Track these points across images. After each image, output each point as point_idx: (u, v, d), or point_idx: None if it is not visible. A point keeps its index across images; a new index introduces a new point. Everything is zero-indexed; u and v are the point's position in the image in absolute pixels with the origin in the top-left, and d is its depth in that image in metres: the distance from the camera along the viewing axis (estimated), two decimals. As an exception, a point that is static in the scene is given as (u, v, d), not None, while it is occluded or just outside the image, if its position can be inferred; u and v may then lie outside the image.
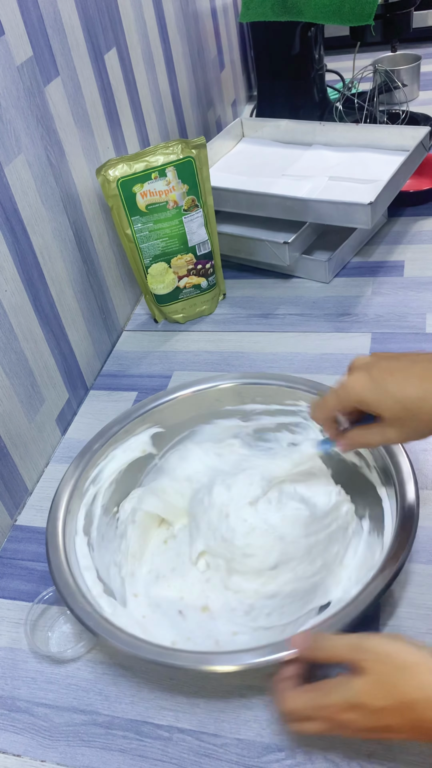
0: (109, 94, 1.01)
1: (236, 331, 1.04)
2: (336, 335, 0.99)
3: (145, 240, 0.98)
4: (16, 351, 0.81)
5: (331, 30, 1.57)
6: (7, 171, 0.78)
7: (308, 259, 1.09)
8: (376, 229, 1.17)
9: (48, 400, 0.89)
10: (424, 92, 1.60)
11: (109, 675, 0.66)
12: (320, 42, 1.37)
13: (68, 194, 0.91)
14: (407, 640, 0.51)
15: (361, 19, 1.16)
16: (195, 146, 0.95)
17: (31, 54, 0.81)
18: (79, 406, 0.97)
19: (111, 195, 0.94)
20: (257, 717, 0.61)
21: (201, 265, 1.04)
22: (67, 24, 0.88)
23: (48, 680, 0.67)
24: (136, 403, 0.94)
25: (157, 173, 0.94)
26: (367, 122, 1.35)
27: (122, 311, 1.10)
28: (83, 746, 0.61)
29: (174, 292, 1.04)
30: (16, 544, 0.80)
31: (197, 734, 0.61)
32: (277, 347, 0.99)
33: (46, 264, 0.87)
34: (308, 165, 1.19)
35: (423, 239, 1.14)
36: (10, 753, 0.62)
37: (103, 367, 1.03)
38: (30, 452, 0.85)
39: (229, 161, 1.27)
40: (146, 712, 0.63)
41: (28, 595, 0.74)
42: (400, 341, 0.96)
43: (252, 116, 1.47)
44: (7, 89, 0.77)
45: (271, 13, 1.24)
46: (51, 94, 0.86)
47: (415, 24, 1.39)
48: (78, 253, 0.95)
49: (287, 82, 1.39)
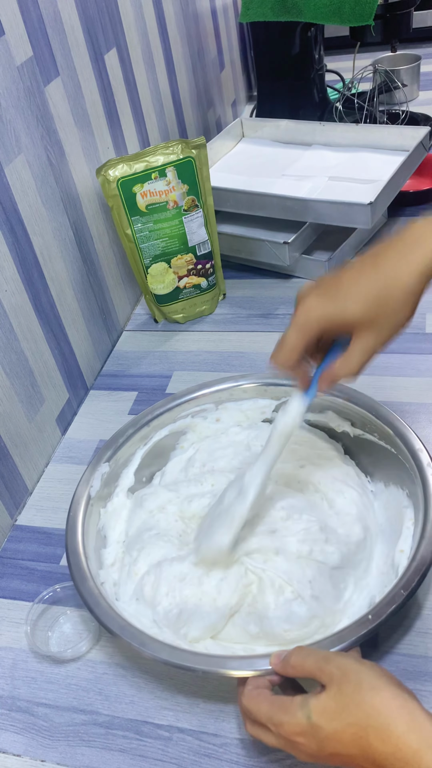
0: (109, 94, 1.01)
1: (236, 331, 1.04)
2: (336, 335, 0.99)
3: (145, 240, 0.98)
4: (16, 351, 0.81)
5: (331, 30, 1.57)
6: (7, 171, 0.78)
7: (308, 259, 1.09)
8: (376, 229, 1.17)
9: (48, 400, 0.89)
10: (424, 92, 1.60)
11: (109, 675, 0.66)
12: (320, 42, 1.37)
13: (68, 194, 0.91)
14: (383, 670, 0.49)
15: (361, 19, 1.16)
16: (195, 146, 0.95)
17: (31, 54, 0.81)
18: (79, 406, 0.97)
19: (111, 195, 0.94)
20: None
21: (201, 265, 1.04)
22: (67, 24, 0.88)
23: (48, 680, 0.67)
24: (145, 403, 0.93)
25: (157, 173, 0.94)
26: (367, 122, 1.35)
27: (122, 311, 1.10)
28: (83, 746, 0.61)
29: (174, 292, 1.04)
30: (16, 544, 0.80)
31: (197, 734, 0.61)
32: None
33: (46, 264, 0.87)
34: (308, 165, 1.19)
35: (423, 239, 1.14)
36: (10, 753, 0.62)
37: (103, 367, 1.03)
38: (30, 452, 0.85)
39: (229, 161, 1.27)
40: (146, 712, 0.63)
41: (28, 595, 0.74)
42: (400, 341, 0.94)
43: (252, 116, 1.47)
44: (7, 89, 0.77)
45: (271, 13, 1.24)
46: (51, 94, 0.86)
47: (415, 24, 1.38)
48: (78, 253, 0.95)
49: (287, 82, 1.39)
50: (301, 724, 0.48)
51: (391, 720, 0.45)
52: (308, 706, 0.48)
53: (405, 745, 0.44)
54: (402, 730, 0.44)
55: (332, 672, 0.49)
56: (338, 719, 0.46)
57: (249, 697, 0.52)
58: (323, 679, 0.49)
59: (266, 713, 0.50)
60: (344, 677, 0.48)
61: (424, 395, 0.87)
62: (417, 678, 0.61)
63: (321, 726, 0.47)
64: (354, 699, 0.47)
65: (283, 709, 0.49)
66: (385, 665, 0.62)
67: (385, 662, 0.63)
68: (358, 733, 0.45)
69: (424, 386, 0.88)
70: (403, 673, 0.62)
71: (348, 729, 0.46)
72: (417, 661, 0.62)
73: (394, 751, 0.44)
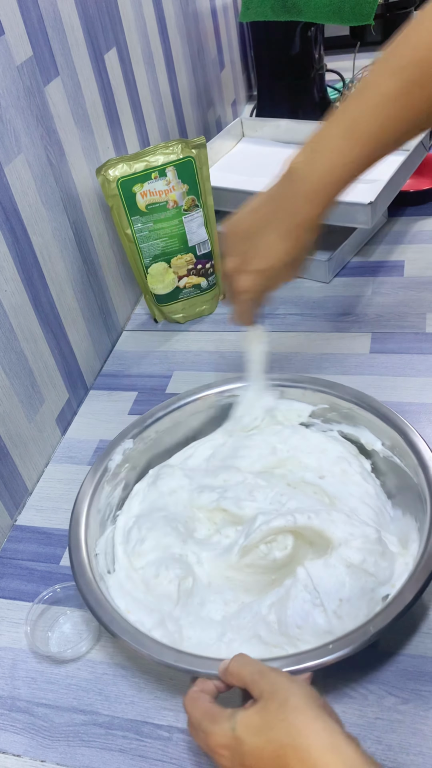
0: (109, 94, 1.01)
1: (236, 331, 1.04)
2: (336, 335, 0.99)
3: (145, 240, 0.98)
4: (16, 351, 0.81)
5: (331, 30, 1.57)
6: (7, 171, 0.78)
7: (308, 259, 1.09)
8: (376, 229, 1.17)
9: (48, 400, 0.89)
10: (424, 92, 1.59)
11: (109, 675, 0.66)
12: (320, 42, 1.37)
13: (68, 194, 0.91)
14: (311, 691, 0.49)
15: (361, 19, 1.16)
16: (195, 146, 0.95)
17: (31, 54, 0.81)
18: (79, 406, 0.97)
19: (111, 195, 0.94)
20: (257, 717, 0.61)
21: (201, 265, 1.04)
22: (67, 24, 0.88)
23: (48, 680, 0.67)
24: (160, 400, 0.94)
25: (157, 173, 0.94)
26: (367, 122, 1.34)
27: (122, 311, 1.10)
28: (83, 746, 0.61)
29: (174, 292, 1.04)
30: (16, 544, 0.80)
31: (197, 734, 0.61)
32: (277, 347, 0.99)
33: (46, 264, 0.87)
34: (308, 165, 1.19)
35: (423, 239, 1.14)
36: (10, 753, 0.62)
37: (103, 367, 1.03)
38: (30, 452, 0.85)
39: (229, 161, 1.27)
40: (146, 712, 0.63)
41: (28, 595, 0.74)
42: (400, 341, 0.96)
43: (252, 116, 1.47)
44: (7, 89, 0.77)
45: (271, 13, 1.24)
46: (51, 94, 0.86)
47: (415, 24, 1.38)
48: (78, 253, 0.95)
49: (287, 82, 1.39)
50: (226, 735, 0.48)
51: (311, 741, 0.45)
52: (235, 719, 0.48)
53: (323, 766, 0.44)
54: (321, 752, 0.44)
55: (263, 687, 0.49)
56: (260, 735, 0.47)
57: (189, 699, 0.53)
58: (254, 692, 0.50)
59: (198, 719, 0.51)
60: (272, 694, 0.48)
61: (424, 395, 0.87)
62: (417, 678, 0.61)
63: (243, 740, 0.47)
64: (277, 716, 0.47)
65: (213, 718, 0.50)
66: (384, 665, 0.62)
67: (384, 662, 0.63)
68: (277, 751, 0.45)
69: (424, 386, 0.88)
70: (403, 673, 0.62)
71: (268, 746, 0.46)
72: (417, 661, 0.62)
73: None
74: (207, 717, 0.50)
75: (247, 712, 0.48)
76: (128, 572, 0.68)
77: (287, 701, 0.47)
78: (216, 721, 0.49)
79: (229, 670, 0.53)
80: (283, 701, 0.47)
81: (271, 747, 0.46)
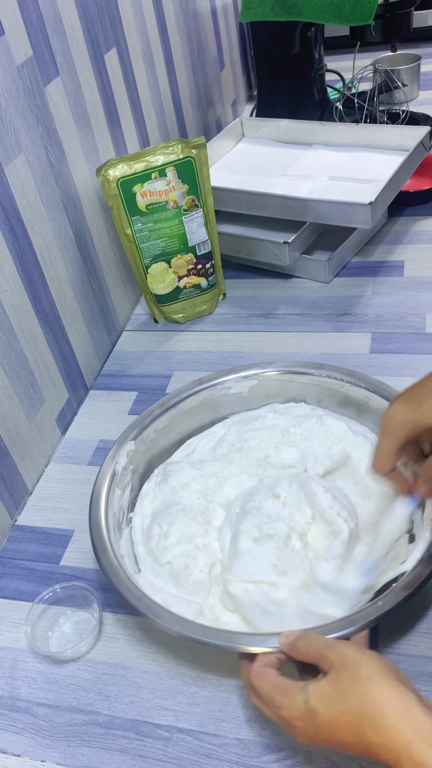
0: (109, 94, 1.01)
1: (236, 331, 1.04)
2: (336, 335, 0.99)
3: (145, 240, 0.98)
4: (16, 351, 0.81)
5: (331, 30, 1.57)
6: (7, 171, 0.78)
7: (308, 259, 1.09)
8: (376, 229, 1.17)
9: (48, 400, 0.89)
10: (424, 92, 1.60)
11: (109, 675, 0.66)
12: (320, 42, 1.37)
13: (68, 194, 0.91)
14: (383, 661, 0.49)
15: (361, 19, 1.16)
16: (195, 146, 0.95)
17: (31, 54, 0.81)
18: (79, 406, 0.97)
19: (111, 195, 0.94)
20: (257, 717, 0.61)
21: (201, 265, 1.04)
22: (67, 24, 0.88)
23: (48, 680, 0.67)
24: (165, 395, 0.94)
25: (157, 173, 0.94)
26: (367, 122, 1.35)
27: (122, 311, 1.10)
28: (83, 746, 0.61)
29: (174, 292, 1.04)
30: (16, 544, 0.80)
31: (197, 734, 0.61)
32: (277, 347, 0.99)
33: (46, 264, 0.87)
34: (308, 165, 1.19)
35: (423, 239, 1.14)
36: (10, 753, 0.62)
37: (103, 367, 1.03)
38: (30, 452, 0.85)
39: (229, 161, 1.27)
40: (146, 712, 0.63)
41: (28, 595, 0.74)
42: (400, 341, 0.96)
43: (252, 116, 1.47)
44: (7, 89, 0.77)
45: (271, 13, 1.24)
46: (51, 94, 0.86)
47: (415, 24, 1.38)
48: (78, 253, 0.95)
49: (287, 82, 1.39)
50: (299, 707, 0.49)
51: (385, 711, 0.45)
52: (307, 691, 0.49)
53: (398, 736, 0.44)
54: (395, 721, 0.45)
55: (333, 659, 0.50)
56: (334, 706, 0.47)
57: (255, 675, 0.54)
58: (324, 665, 0.50)
59: (269, 693, 0.51)
60: (343, 665, 0.49)
61: (424, 395, 0.87)
62: (417, 678, 0.61)
63: (317, 711, 0.48)
64: (350, 687, 0.47)
65: (285, 691, 0.51)
66: (385, 665, 0.62)
67: (385, 662, 0.63)
68: (352, 721, 0.46)
69: (424, 386, 0.88)
70: (403, 673, 0.61)
71: (342, 716, 0.47)
72: (417, 661, 0.62)
73: (387, 741, 0.45)
74: (278, 690, 0.51)
75: (319, 684, 0.49)
76: (154, 569, 0.68)
77: (359, 671, 0.48)
78: (288, 694, 0.50)
79: (297, 647, 0.53)
80: (355, 672, 0.48)
81: (345, 717, 0.46)
